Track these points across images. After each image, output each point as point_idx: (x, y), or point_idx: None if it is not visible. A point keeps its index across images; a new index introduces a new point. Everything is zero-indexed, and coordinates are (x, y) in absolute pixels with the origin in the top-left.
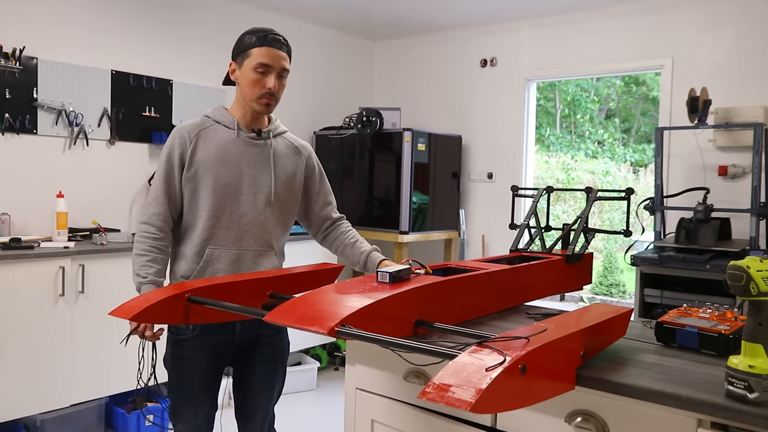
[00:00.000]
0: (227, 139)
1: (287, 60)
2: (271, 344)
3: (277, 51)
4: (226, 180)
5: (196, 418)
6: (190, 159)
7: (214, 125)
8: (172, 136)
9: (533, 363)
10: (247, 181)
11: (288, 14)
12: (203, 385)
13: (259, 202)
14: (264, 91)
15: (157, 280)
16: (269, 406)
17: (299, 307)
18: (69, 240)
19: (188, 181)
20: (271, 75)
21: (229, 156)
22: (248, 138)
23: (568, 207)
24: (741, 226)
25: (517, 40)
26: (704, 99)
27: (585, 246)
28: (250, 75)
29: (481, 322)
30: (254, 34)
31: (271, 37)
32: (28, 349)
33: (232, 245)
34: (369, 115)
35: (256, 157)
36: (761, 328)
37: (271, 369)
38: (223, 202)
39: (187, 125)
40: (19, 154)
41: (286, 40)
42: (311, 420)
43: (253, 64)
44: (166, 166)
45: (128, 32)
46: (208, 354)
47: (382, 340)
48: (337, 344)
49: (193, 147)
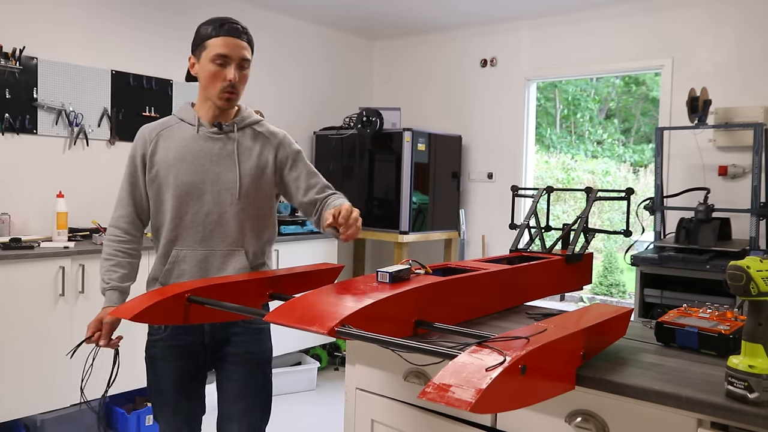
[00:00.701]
0: (188, 137)
1: (248, 49)
2: (244, 345)
3: (236, 40)
4: (187, 179)
5: (175, 417)
6: (151, 159)
7: (177, 123)
8: (135, 138)
9: (533, 363)
10: (211, 178)
11: (288, 14)
12: (177, 385)
13: (224, 200)
14: (224, 84)
15: (119, 286)
16: (248, 420)
17: (299, 307)
18: (69, 240)
19: (151, 182)
20: (231, 66)
21: (190, 154)
22: (210, 134)
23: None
24: (741, 226)
25: (517, 40)
26: (704, 99)
27: (585, 246)
28: (209, 67)
29: (481, 322)
30: (210, 24)
31: (228, 25)
32: (28, 349)
33: (198, 245)
34: (369, 115)
35: (218, 152)
36: (761, 328)
37: (245, 374)
38: (185, 202)
39: (150, 125)
40: (19, 154)
41: (245, 28)
42: (311, 420)
43: (211, 56)
44: (130, 167)
45: (128, 32)
46: (180, 354)
47: (382, 340)
48: (337, 344)
49: (153, 147)
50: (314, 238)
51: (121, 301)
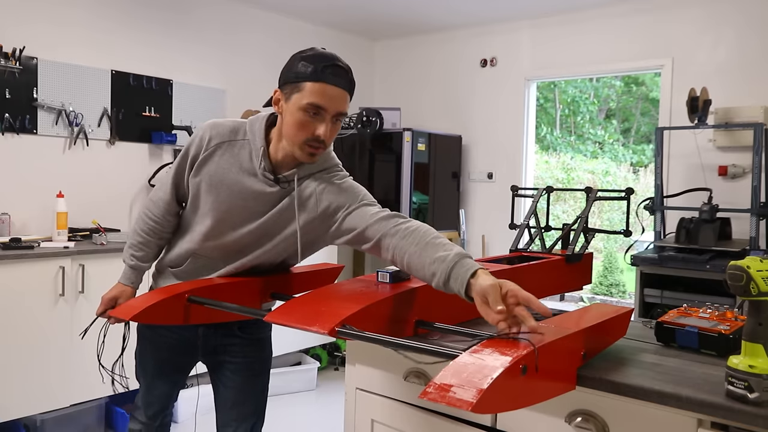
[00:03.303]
0: (245, 167)
1: (347, 100)
2: (242, 355)
3: (338, 90)
4: (225, 207)
5: (151, 391)
6: (199, 167)
7: (243, 141)
8: (199, 129)
9: (534, 363)
10: (248, 216)
11: (288, 14)
12: (158, 369)
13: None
14: (311, 137)
15: (141, 266)
16: (243, 427)
17: (299, 307)
18: (69, 240)
19: (192, 185)
20: (324, 120)
21: (237, 186)
22: (266, 178)
23: (568, 207)
24: (741, 226)
25: (517, 40)
26: (704, 99)
27: (585, 246)
28: (298, 115)
29: (481, 322)
30: (311, 63)
31: (332, 69)
32: (28, 349)
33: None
34: (369, 115)
35: (269, 195)
36: (761, 328)
37: (242, 383)
38: (216, 229)
39: (217, 127)
40: (19, 154)
41: (350, 71)
42: (311, 420)
43: (303, 104)
44: (181, 160)
45: (128, 32)
46: (168, 345)
47: (382, 340)
48: (337, 344)
49: (206, 155)
50: None
51: (138, 281)
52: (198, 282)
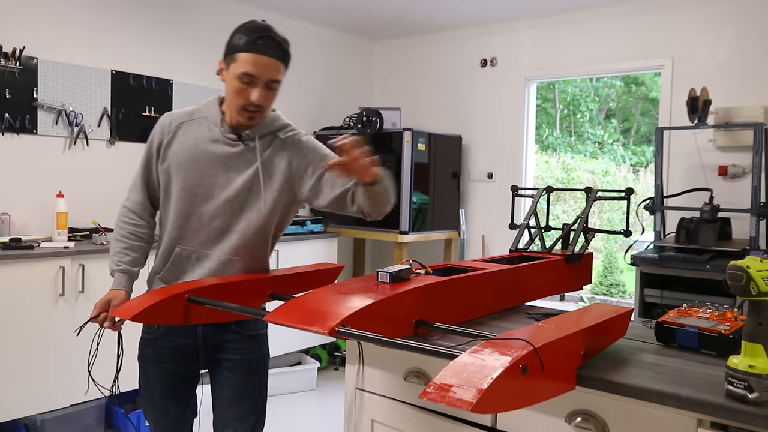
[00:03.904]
0: (207, 137)
1: (279, 69)
2: (239, 352)
3: (267, 59)
4: (196, 181)
5: (163, 419)
6: (165, 151)
7: (200, 119)
8: (156, 125)
9: (534, 363)
10: (221, 183)
11: (288, 14)
12: (165, 387)
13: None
14: (246, 103)
15: (130, 270)
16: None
17: (299, 307)
18: (69, 240)
19: (162, 173)
20: (257, 87)
21: (203, 155)
22: (228, 139)
23: (568, 207)
24: (741, 226)
25: (517, 40)
26: (704, 99)
27: (585, 246)
28: (234, 83)
29: (481, 322)
30: (245, 35)
31: (262, 41)
32: (28, 349)
33: (200, 247)
34: (369, 115)
35: (234, 158)
36: (761, 328)
37: (240, 381)
38: (192, 204)
39: (173, 114)
40: (19, 154)
41: (283, 42)
42: (311, 420)
43: (238, 72)
44: (146, 154)
45: (128, 32)
46: (171, 355)
47: (382, 340)
48: (337, 344)
49: (169, 139)
50: (314, 238)
51: (130, 285)
52: (198, 282)
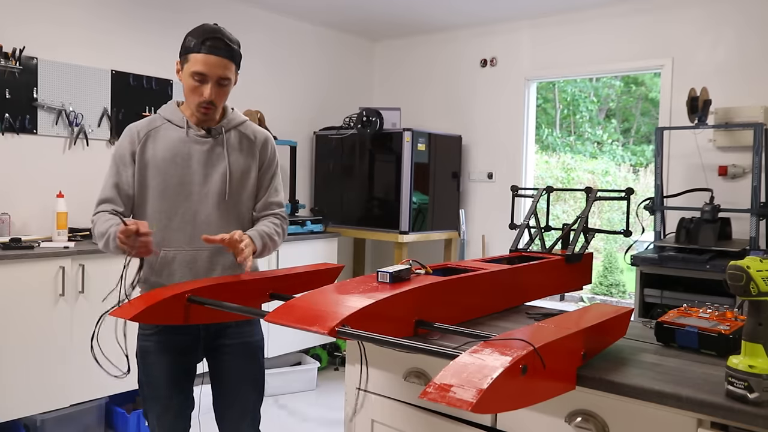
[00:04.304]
0: (177, 138)
1: (228, 68)
2: (238, 336)
3: (216, 58)
4: (176, 180)
5: (166, 413)
6: (140, 158)
7: (164, 124)
8: (122, 136)
9: (534, 363)
10: (198, 179)
11: (288, 14)
12: (169, 381)
13: (211, 200)
14: (200, 100)
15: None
16: (245, 406)
17: (299, 307)
18: (69, 240)
19: (138, 179)
20: (208, 84)
21: (179, 155)
22: (198, 136)
23: (568, 207)
24: (741, 226)
25: (517, 40)
26: (704, 99)
27: (585, 246)
28: (189, 82)
29: (481, 322)
30: (195, 37)
31: (210, 42)
32: (28, 349)
33: (186, 246)
34: (369, 115)
35: (207, 154)
36: (761, 328)
37: (242, 363)
38: (174, 203)
39: (137, 124)
40: (19, 154)
41: (232, 42)
42: (311, 420)
43: (190, 71)
44: (116, 164)
45: (128, 32)
46: (173, 349)
47: (382, 340)
48: (337, 344)
49: (141, 146)
50: (314, 238)
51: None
52: (198, 282)
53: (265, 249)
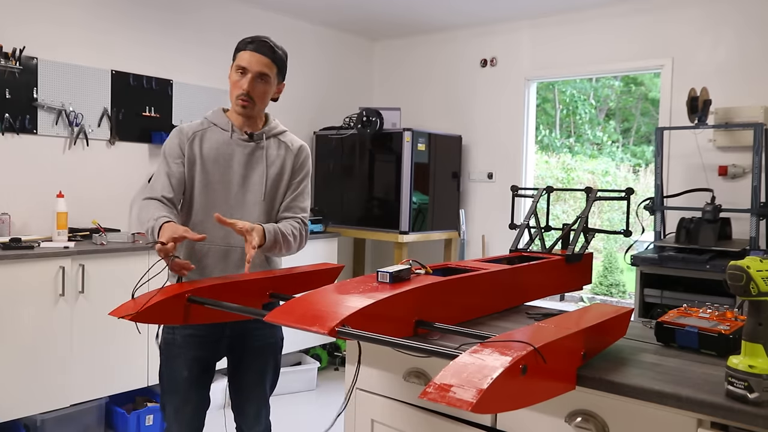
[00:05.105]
0: (221, 140)
1: (269, 66)
2: (263, 337)
3: (258, 55)
4: (216, 178)
5: (185, 407)
6: (188, 155)
7: (210, 127)
8: (172, 135)
9: (534, 363)
10: (237, 179)
11: (288, 14)
12: (191, 375)
13: (248, 200)
14: (239, 92)
15: (173, 219)
16: (263, 399)
17: (299, 307)
18: (69, 240)
19: (187, 171)
20: (247, 77)
21: (222, 156)
22: (241, 140)
23: (568, 207)
24: (741, 226)
25: (517, 40)
26: (704, 99)
27: (585, 246)
28: (232, 76)
29: (481, 322)
30: (243, 41)
31: (257, 42)
32: (28, 349)
33: (221, 241)
34: (369, 115)
35: (247, 156)
36: (761, 328)
37: (264, 362)
38: (213, 200)
39: (186, 126)
40: (19, 154)
41: (275, 46)
42: (311, 420)
43: (234, 66)
44: (167, 158)
45: (128, 32)
46: (198, 343)
47: (382, 340)
48: (337, 344)
49: (189, 145)
50: (314, 238)
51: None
52: (198, 282)
53: (276, 245)
